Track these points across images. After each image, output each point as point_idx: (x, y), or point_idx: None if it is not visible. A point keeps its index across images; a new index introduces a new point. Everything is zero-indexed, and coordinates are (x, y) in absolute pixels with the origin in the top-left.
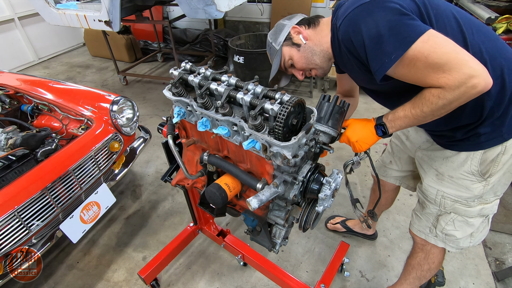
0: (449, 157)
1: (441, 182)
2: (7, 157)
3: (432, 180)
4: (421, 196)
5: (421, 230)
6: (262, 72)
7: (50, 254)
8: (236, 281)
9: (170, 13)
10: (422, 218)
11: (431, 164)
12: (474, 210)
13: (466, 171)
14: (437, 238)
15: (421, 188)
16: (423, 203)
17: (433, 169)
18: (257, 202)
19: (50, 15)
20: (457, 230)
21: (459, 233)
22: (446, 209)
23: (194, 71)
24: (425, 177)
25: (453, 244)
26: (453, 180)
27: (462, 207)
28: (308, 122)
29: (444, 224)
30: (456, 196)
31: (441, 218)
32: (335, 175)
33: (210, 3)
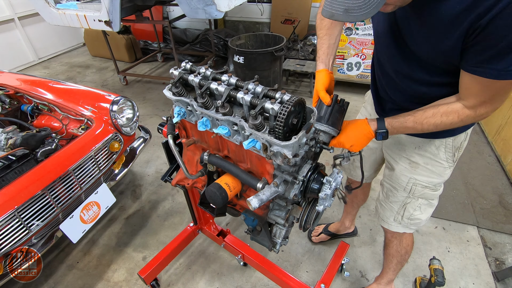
0: (421, 145)
1: (414, 170)
2: (7, 157)
3: (405, 168)
4: (387, 185)
5: (384, 220)
6: (262, 72)
7: (50, 254)
8: (236, 281)
9: (170, 13)
10: (386, 207)
11: (401, 154)
12: (438, 192)
13: (441, 158)
14: (400, 225)
15: (390, 177)
16: (388, 191)
17: (405, 157)
18: (257, 201)
19: (50, 15)
20: (422, 213)
21: (423, 215)
22: (415, 195)
23: (194, 71)
24: (397, 166)
25: (415, 227)
26: (428, 167)
27: (430, 192)
28: (308, 122)
29: (412, 210)
30: (427, 182)
31: (408, 205)
32: (335, 175)
33: (210, 3)
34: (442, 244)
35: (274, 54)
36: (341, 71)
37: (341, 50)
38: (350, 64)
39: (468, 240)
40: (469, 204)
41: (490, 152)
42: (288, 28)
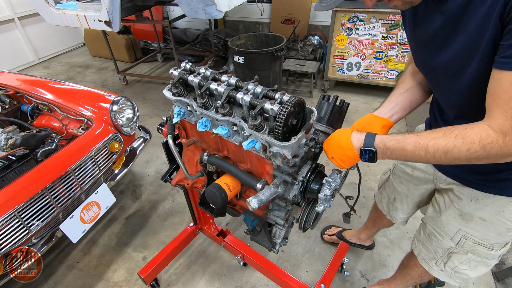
0: (479, 199)
1: (466, 223)
2: (7, 157)
3: (454, 218)
4: (430, 228)
5: (426, 260)
6: (262, 72)
7: (50, 254)
8: (236, 281)
9: (170, 13)
10: (429, 248)
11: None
12: (497, 253)
13: (505, 217)
14: (442, 273)
15: (434, 220)
16: (432, 234)
17: (455, 208)
18: (257, 202)
19: (50, 15)
20: (471, 270)
21: (473, 273)
22: (464, 248)
23: (194, 71)
24: (443, 212)
25: (460, 281)
26: (485, 224)
27: (485, 250)
28: (308, 122)
29: (457, 263)
30: (482, 239)
31: (454, 256)
32: (335, 175)
33: (210, 3)
34: None
35: (274, 54)
36: (341, 71)
37: (341, 50)
38: (350, 64)
39: None
40: None
41: None
42: (288, 28)
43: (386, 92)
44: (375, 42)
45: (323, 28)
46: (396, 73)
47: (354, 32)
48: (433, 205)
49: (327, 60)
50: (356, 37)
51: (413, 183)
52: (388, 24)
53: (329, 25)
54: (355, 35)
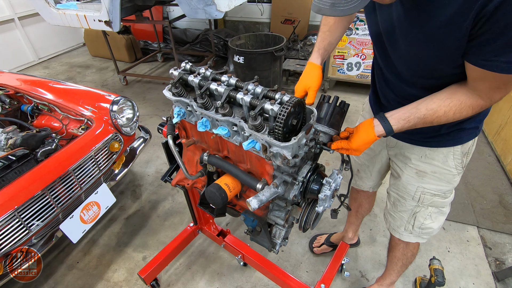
0: (427, 154)
1: (422, 178)
2: (7, 157)
3: (412, 177)
4: (394, 194)
5: (395, 230)
6: (262, 72)
7: (50, 254)
8: (236, 281)
9: (170, 13)
10: (395, 216)
11: (406, 163)
12: (448, 200)
13: (450, 165)
14: (411, 235)
15: (396, 186)
16: (396, 201)
17: (410, 167)
18: (257, 202)
19: (50, 15)
20: (433, 222)
21: (435, 224)
22: (424, 203)
23: (194, 71)
24: (402, 175)
25: (427, 236)
26: (436, 175)
27: (440, 200)
28: (308, 123)
29: (422, 219)
30: (436, 190)
31: (418, 214)
32: (335, 176)
33: (210, 3)
34: (442, 244)
35: (274, 54)
36: (341, 71)
37: (341, 50)
38: (350, 64)
39: (468, 240)
40: (469, 204)
41: (490, 152)
42: (288, 28)
43: None
44: None
45: None
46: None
47: (354, 32)
48: (392, 173)
49: (327, 60)
50: (356, 37)
51: (369, 154)
52: None
53: None
54: (355, 35)
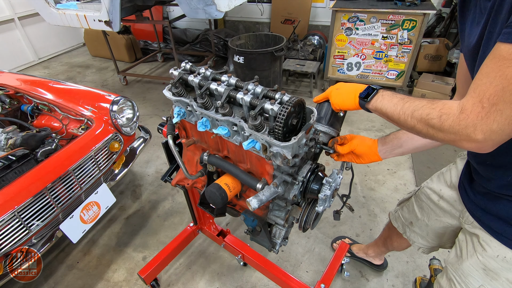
0: (509, 257)
1: (491, 280)
2: (7, 157)
3: (477, 271)
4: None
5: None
6: (262, 72)
7: (50, 254)
8: (236, 281)
9: (170, 13)
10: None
11: (475, 249)
12: None
13: None
14: None
15: (455, 267)
16: (451, 281)
17: (479, 259)
18: (257, 202)
19: (50, 15)
20: None
21: None
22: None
23: (194, 71)
24: (465, 260)
25: None
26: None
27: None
28: (308, 122)
29: None
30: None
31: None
32: (335, 175)
33: (210, 3)
34: None
35: (274, 54)
36: (341, 71)
37: (341, 50)
38: (350, 64)
39: None
40: None
41: None
42: (288, 28)
43: None
44: (375, 42)
45: (323, 28)
46: (396, 73)
47: (354, 32)
48: (455, 247)
49: (327, 60)
50: (356, 37)
51: (435, 213)
52: (388, 24)
53: (329, 25)
54: (355, 35)
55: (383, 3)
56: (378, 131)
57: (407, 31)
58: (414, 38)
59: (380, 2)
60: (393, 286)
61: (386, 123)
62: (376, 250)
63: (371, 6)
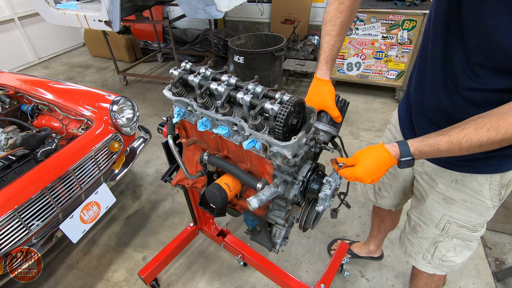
0: (459, 180)
1: (449, 206)
2: (7, 157)
3: (438, 203)
4: (415, 218)
5: (412, 256)
6: (262, 72)
7: (50, 254)
8: (236, 281)
9: (170, 13)
10: (414, 242)
11: (432, 186)
12: (478, 234)
13: (484, 196)
14: (429, 265)
15: (419, 210)
16: (417, 225)
17: (437, 192)
18: (257, 202)
19: (50, 15)
20: (457, 256)
21: (459, 258)
22: (449, 234)
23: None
24: (427, 199)
25: (447, 269)
26: (467, 205)
27: (468, 232)
28: (308, 122)
29: (444, 251)
30: (465, 221)
31: (440, 244)
32: (335, 175)
33: (210, 3)
34: None
35: (274, 54)
36: (341, 71)
37: (341, 50)
38: (350, 64)
39: None
40: None
41: None
42: (288, 28)
43: (386, 92)
44: (375, 42)
45: None
46: (396, 73)
47: (354, 32)
48: (415, 195)
49: None
50: (356, 37)
51: (394, 174)
52: (388, 24)
53: None
54: (355, 35)
55: (383, 3)
56: (378, 131)
57: (407, 31)
58: (414, 38)
59: (380, 2)
60: (393, 286)
61: (386, 122)
62: (376, 242)
63: (371, 6)
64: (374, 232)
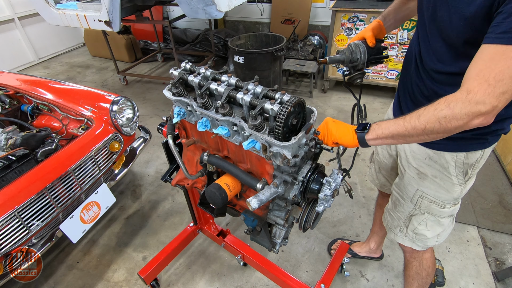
0: (431, 156)
1: (422, 181)
2: (7, 157)
3: (413, 178)
4: (395, 193)
5: (391, 229)
6: (262, 72)
7: (50, 254)
8: (236, 281)
9: (170, 13)
10: (393, 216)
11: (410, 162)
12: (447, 211)
13: (450, 173)
14: (406, 238)
15: (398, 185)
16: (396, 200)
17: (413, 167)
18: (257, 202)
19: (50, 15)
20: (428, 230)
21: (429, 232)
22: (421, 209)
23: (194, 71)
24: (405, 174)
25: (421, 243)
26: (436, 181)
27: (438, 208)
28: (308, 122)
29: (416, 224)
30: (434, 196)
31: (413, 218)
32: (335, 175)
33: (210, 3)
34: (442, 244)
35: (274, 54)
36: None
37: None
38: None
39: (468, 240)
40: (469, 204)
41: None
42: (288, 28)
43: (386, 92)
44: None
45: (323, 28)
46: (396, 73)
47: (354, 32)
48: (398, 171)
49: None
50: None
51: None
52: None
53: (329, 25)
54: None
55: (383, 3)
56: None
57: (407, 31)
58: None
59: (380, 2)
60: (393, 286)
61: None
62: (376, 239)
63: (371, 6)
64: (376, 228)
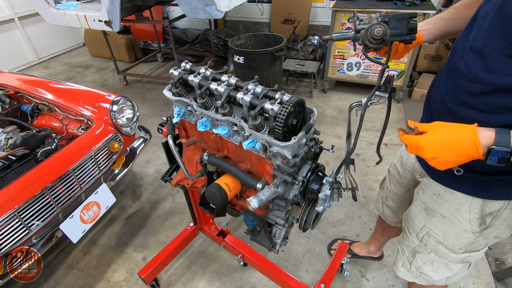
0: (441, 194)
1: (430, 218)
2: (7, 157)
3: (420, 212)
4: (404, 224)
5: (395, 263)
6: (262, 72)
7: (50, 254)
8: (236, 281)
9: (170, 13)
10: (399, 248)
11: (418, 193)
12: (458, 256)
13: (463, 217)
14: (408, 273)
15: (406, 215)
16: (403, 231)
17: (421, 201)
18: (257, 202)
19: (50, 15)
20: (434, 271)
21: (436, 275)
22: (427, 247)
23: (194, 71)
24: (412, 205)
25: (426, 282)
26: (445, 221)
27: (446, 251)
28: (308, 122)
29: (421, 263)
30: (443, 238)
31: (418, 255)
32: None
33: (210, 3)
34: None
35: (274, 54)
36: (341, 71)
37: (341, 50)
38: (350, 64)
39: None
40: None
41: None
42: (288, 28)
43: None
44: None
45: (323, 28)
46: (396, 73)
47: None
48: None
49: (327, 60)
50: None
51: (399, 181)
52: None
53: (329, 25)
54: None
55: (383, 3)
56: (378, 131)
57: None
58: None
59: (380, 2)
60: (393, 286)
61: None
62: (377, 244)
63: (371, 6)
64: (377, 235)
